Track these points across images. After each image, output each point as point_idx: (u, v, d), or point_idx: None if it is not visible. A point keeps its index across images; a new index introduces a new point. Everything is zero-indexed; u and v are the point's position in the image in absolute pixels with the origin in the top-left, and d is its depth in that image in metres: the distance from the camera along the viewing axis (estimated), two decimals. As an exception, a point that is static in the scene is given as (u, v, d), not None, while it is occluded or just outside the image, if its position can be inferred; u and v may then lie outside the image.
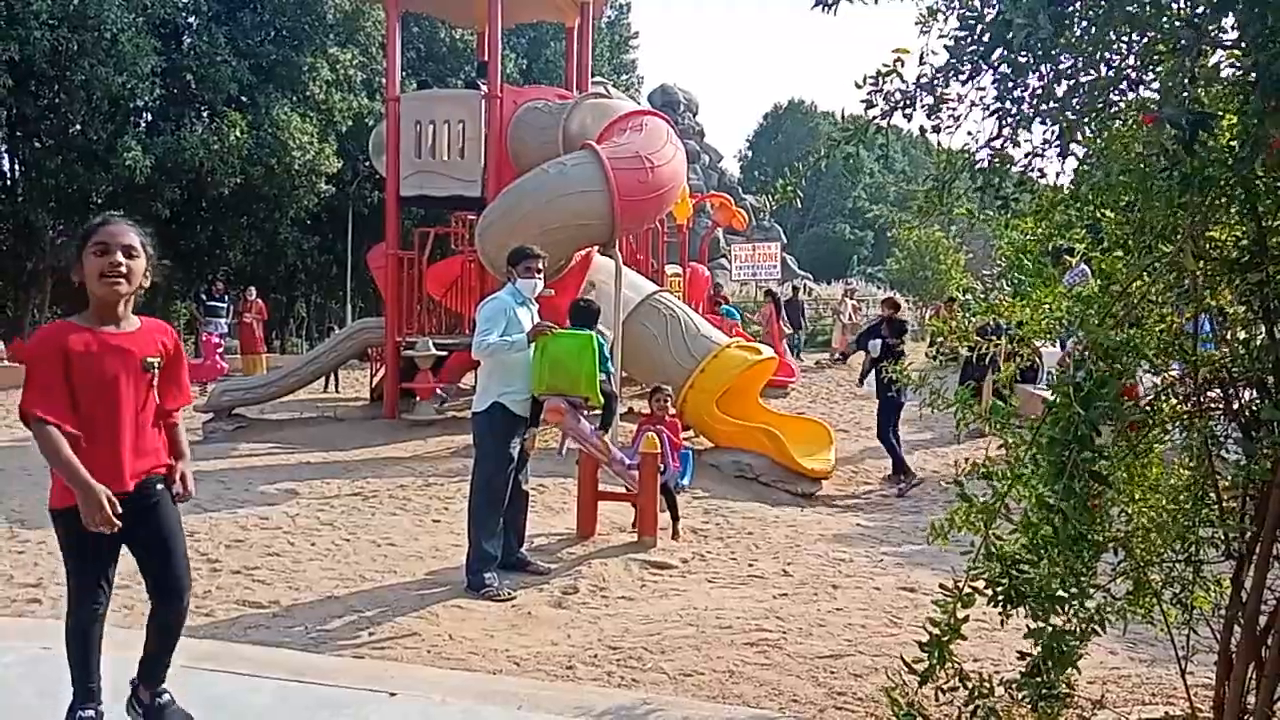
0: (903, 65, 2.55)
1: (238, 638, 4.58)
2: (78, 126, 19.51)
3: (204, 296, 18.14)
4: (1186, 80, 2.16)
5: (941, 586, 2.52)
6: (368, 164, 19.69)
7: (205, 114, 22.15)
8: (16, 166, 20.65)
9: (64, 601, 5.05)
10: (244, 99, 21.54)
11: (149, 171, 19.02)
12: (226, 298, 18.48)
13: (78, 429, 2.84)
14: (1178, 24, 2.18)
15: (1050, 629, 2.50)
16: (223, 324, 17.31)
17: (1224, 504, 2.70)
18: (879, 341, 10.06)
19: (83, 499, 2.78)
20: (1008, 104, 2.46)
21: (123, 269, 2.89)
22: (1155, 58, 2.25)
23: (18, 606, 5.10)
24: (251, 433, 10.91)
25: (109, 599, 3.08)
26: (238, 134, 20.09)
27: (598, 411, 5.93)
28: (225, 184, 20.48)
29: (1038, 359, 7.17)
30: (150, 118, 22.57)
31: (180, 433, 3.25)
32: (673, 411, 7.47)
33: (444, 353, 11.30)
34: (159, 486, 3.07)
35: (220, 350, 16.53)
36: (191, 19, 21.88)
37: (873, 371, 10.48)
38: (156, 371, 3.02)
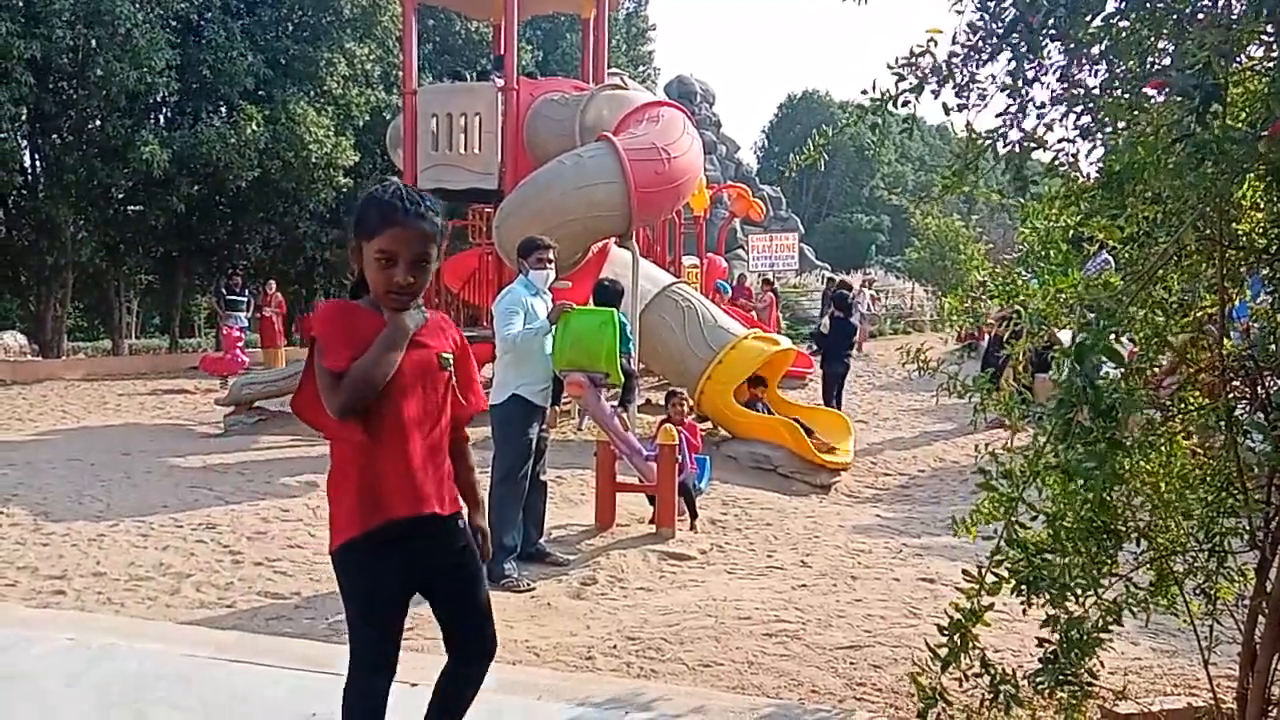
0: (935, 45, 2.58)
1: (259, 629, 4.62)
2: (96, 122, 19.63)
3: (224, 290, 18.18)
4: (1198, 50, 2.14)
5: (965, 574, 2.51)
6: (385, 157, 19.73)
7: (222, 108, 22.23)
8: (38, 162, 20.80)
9: (88, 594, 5.18)
10: (261, 93, 21.61)
11: (166, 166, 19.12)
12: (246, 291, 18.55)
13: (366, 436, 2.35)
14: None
15: (1068, 616, 2.48)
16: (243, 318, 17.40)
17: (1248, 493, 2.67)
18: (826, 318, 12.34)
19: (391, 329, 2.34)
20: (1020, 84, 2.48)
21: (411, 288, 2.35)
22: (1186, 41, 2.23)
23: (43, 598, 5.16)
24: (272, 425, 10.97)
25: (396, 664, 2.46)
26: (254, 128, 20.14)
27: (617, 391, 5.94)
28: (243, 178, 20.54)
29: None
30: (168, 113, 22.70)
31: (471, 458, 2.70)
32: (690, 416, 7.45)
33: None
34: (461, 524, 2.56)
35: (241, 344, 16.64)
36: (208, 14, 21.95)
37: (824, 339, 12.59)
38: (453, 370, 2.51)
